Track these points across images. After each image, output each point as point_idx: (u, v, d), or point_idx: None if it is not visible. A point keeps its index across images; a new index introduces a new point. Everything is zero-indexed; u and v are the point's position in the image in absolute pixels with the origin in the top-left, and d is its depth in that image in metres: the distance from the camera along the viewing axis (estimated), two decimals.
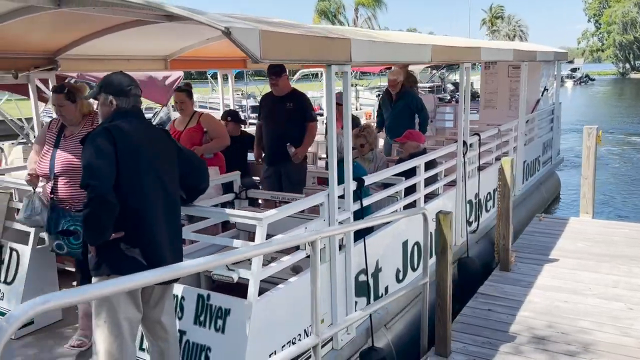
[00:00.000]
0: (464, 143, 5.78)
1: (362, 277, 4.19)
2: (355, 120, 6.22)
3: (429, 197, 5.53)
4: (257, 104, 28.63)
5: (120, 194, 2.73)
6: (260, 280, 3.17)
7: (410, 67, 8.55)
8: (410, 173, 5.00)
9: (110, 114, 2.92)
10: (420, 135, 5.61)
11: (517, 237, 7.04)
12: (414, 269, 5.04)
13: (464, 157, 5.79)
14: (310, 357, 3.20)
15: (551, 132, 9.87)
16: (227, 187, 4.86)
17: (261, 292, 3.20)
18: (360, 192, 4.06)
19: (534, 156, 8.87)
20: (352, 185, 3.92)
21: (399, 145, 5.65)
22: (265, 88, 9.64)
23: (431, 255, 4.76)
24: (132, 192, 2.79)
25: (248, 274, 3.16)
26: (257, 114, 7.05)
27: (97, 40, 4.96)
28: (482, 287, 5.62)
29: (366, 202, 4.14)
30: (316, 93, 33.08)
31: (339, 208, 3.83)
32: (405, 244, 4.88)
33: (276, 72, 5.45)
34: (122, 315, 2.83)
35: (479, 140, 6.26)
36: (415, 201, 5.06)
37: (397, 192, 4.79)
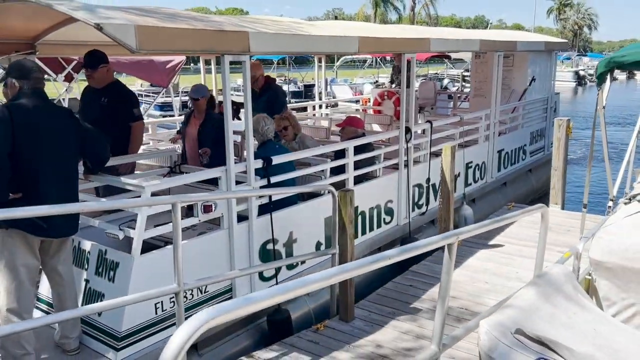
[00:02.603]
0: (408, 129, 6.07)
1: (270, 246, 4.67)
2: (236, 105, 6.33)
3: (369, 179, 5.92)
4: (298, 89, 29.60)
5: (17, 160, 3.33)
6: None
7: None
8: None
9: (15, 94, 3.52)
10: (359, 121, 5.97)
11: (479, 221, 7.25)
12: None
13: (407, 143, 6.08)
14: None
15: (544, 122, 9.85)
16: None
17: None
18: (267, 170, 4.53)
19: (517, 145, 8.94)
20: (255, 164, 4.41)
21: (340, 130, 6.02)
22: (319, 74, 9.69)
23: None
24: (28, 159, 3.39)
25: (132, 233, 3.72)
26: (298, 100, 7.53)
27: (72, 27, 5.60)
28: (415, 265, 5.94)
29: (275, 179, 4.60)
30: (359, 80, 33.46)
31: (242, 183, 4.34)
32: (328, 219, 5.29)
33: (91, 63, 4.86)
34: (20, 262, 3.45)
35: (431, 126, 6.51)
36: (344, 181, 5.47)
37: (322, 171, 5.22)
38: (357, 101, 12.16)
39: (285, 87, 29.72)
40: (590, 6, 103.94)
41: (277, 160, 4.65)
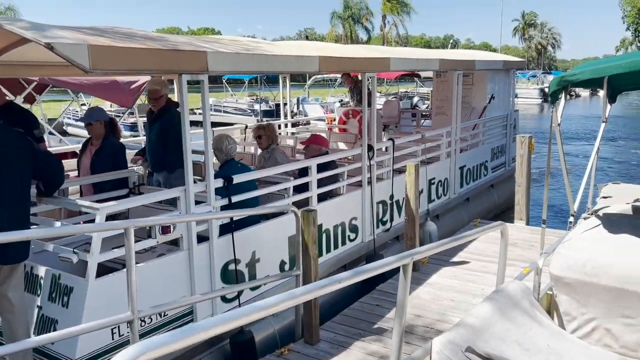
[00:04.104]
0: (370, 147, 6.11)
1: (232, 267, 4.60)
2: None
3: (333, 197, 5.92)
4: (270, 108, 29.72)
5: None
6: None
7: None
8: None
9: None
10: (324, 140, 5.99)
11: (444, 237, 7.32)
12: None
13: (370, 160, 6.12)
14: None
15: (505, 139, 10.06)
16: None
17: None
18: (228, 189, 4.48)
19: (478, 161, 9.10)
20: (215, 183, 4.36)
21: (304, 148, 6.03)
22: (284, 93, 9.78)
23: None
24: None
25: (87, 256, 3.61)
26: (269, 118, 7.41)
27: (28, 47, 5.49)
28: (382, 284, 5.93)
29: (236, 198, 4.56)
30: (331, 99, 33.79)
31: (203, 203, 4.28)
32: (292, 237, 5.25)
33: None
34: None
35: (393, 144, 6.57)
36: (309, 198, 5.46)
37: (285, 189, 5.20)
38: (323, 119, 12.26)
39: (256, 106, 29.90)
40: (553, 26, 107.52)
41: (238, 179, 4.61)
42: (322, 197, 5.69)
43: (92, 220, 4.93)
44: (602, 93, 4.30)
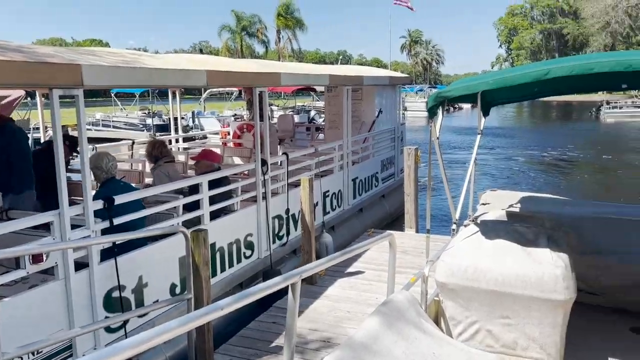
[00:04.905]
0: (264, 162, 6.05)
1: (116, 294, 4.30)
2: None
3: (227, 213, 5.76)
4: (163, 122, 28.69)
5: None
6: None
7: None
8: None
9: None
10: (215, 155, 5.84)
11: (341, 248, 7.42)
12: None
13: (264, 175, 6.05)
14: None
15: (393, 151, 10.49)
16: None
17: None
18: (109, 211, 4.19)
19: (370, 173, 9.39)
20: (94, 204, 4.06)
21: (194, 164, 5.84)
22: (173, 107, 9.48)
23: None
24: None
25: None
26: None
27: None
28: (279, 300, 5.86)
29: (119, 220, 4.27)
30: (227, 112, 33.39)
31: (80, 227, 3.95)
32: (183, 259, 5.03)
33: None
34: None
35: (287, 158, 6.57)
36: (200, 217, 5.26)
37: (175, 208, 4.97)
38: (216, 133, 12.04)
39: (149, 121, 28.69)
40: (437, 43, 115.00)
41: (121, 199, 4.33)
42: (215, 215, 5.52)
43: None
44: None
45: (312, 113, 30.95)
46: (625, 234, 4.20)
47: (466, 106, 59.65)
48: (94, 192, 4.43)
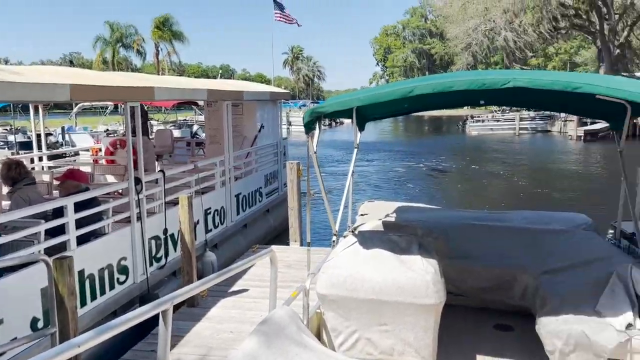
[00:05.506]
0: (138, 180, 5.73)
1: None
2: None
3: (98, 236, 5.36)
4: (28, 139, 26.31)
5: None
6: None
7: None
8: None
9: None
10: (82, 174, 5.43)
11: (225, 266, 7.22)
12: None
13: (138, 194, 5.73)
14: None
15: (276, 165, 10.52)
16: None
17: None
18: None
19: (253, 188, 9.32)
20: None
21: (59, 185, 5.38)
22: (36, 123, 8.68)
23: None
24: None
25: None
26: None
27: None
28: (158, 326, 5.54)
29: None
30: (102, 127, 31.49)
31: None
32: (46, 289, 4.59)
33: None
34: None
35: (164, 175, 6.29)
36: (66, 242, 4.84)
37: (35, 234, 4.52)
38: (87, 150, 11.25)
39: (11, 137, 26.10)
40: (317, 60, 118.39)
41: None
42: (84, 239, 5.11)
43: None
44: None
45: (195, 127, 30.19)
46: (486, 239, 4.55)
47: (347, 121, 61.79)
48: None
